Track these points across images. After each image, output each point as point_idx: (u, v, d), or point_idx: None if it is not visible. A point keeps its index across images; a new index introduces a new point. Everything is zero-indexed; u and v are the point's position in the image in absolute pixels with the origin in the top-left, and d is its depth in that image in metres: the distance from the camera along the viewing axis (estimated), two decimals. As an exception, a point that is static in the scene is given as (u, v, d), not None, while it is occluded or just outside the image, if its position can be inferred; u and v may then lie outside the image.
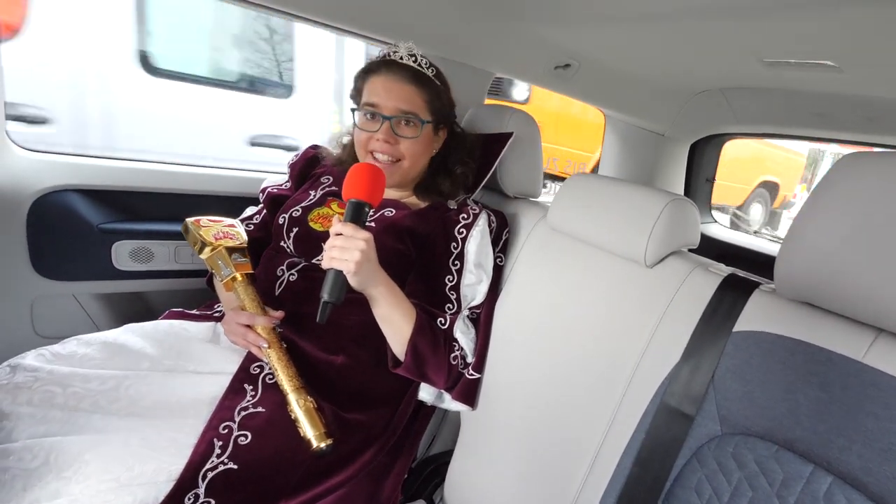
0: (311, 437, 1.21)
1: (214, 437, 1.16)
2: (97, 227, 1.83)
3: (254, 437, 1.20)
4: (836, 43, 1.51)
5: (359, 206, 1.22)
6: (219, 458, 1.15)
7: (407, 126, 1.47)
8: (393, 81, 1.46)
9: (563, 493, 1.24)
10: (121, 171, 1.90)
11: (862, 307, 0.83)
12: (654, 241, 1.20)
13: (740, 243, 3.02)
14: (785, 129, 2.62)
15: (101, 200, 1.87)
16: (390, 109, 1.44)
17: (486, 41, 1.99)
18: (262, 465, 1.19)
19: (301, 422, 1.22)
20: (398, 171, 1.49)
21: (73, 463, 1.02)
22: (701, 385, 0.99)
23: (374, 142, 1.45)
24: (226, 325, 1.38)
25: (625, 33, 1.86)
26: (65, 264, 1.82)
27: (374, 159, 1.47)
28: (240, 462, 1.16)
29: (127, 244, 1.88)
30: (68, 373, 1.16)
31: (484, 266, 1.50)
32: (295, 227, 1.50)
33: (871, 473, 0.76)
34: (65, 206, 1.78)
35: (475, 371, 1.48)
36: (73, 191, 1.80)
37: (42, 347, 1.23)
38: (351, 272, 1.18)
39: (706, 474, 0.93)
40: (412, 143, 1.48)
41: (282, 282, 1.45)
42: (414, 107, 1.47)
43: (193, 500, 1.09)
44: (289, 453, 1.23)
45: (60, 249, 1.80)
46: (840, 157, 0.90)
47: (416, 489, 1.67)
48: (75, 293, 1.88)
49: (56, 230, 1.78)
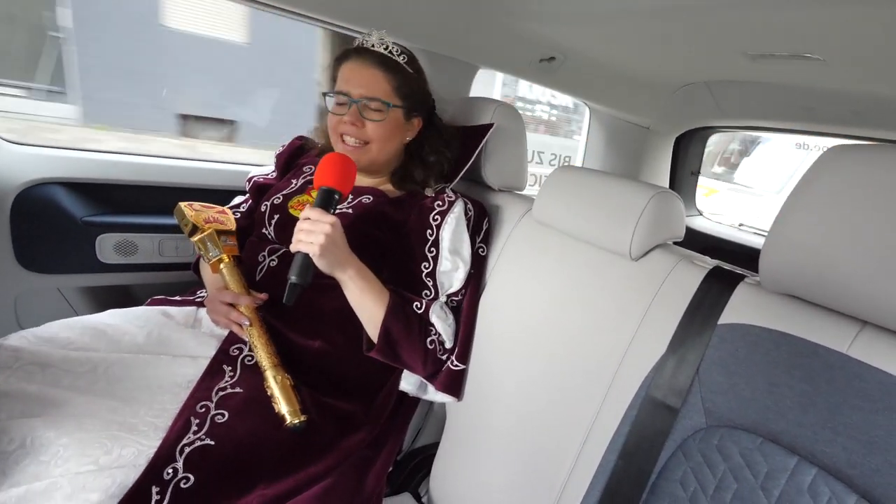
0: (285, 413, 1.23)
1: (192, 416, 1.18)
2: (81, 220, 1.82)
3: (231, 415, 1.21)
4: (822, 36, 1.51)
5: (328, 193, 1.28)
6: (195, 434, 1.15)
7: (373, 109, 1.48)
8: (361, 67, 1.48)
9: (549, 486, 1.24)
10: (105, 164, 1.89)
11: (846, 299, 0.83)
12: (639, 234, 1.20)
13: (725, 236, 3.03)
14: (770, 122, 2.63)
15: (86, 193, 1.86)
16: (357, 93, 1.46)
17: (471, 34, 1.99)
18: (239, 443, 1.20)
19: (276, 397, 1.24)
20: (366, 153, 1.51)
21: (51, 446, 1.01)
22: (686, 378, 0.99)
23: (343, 125, 1.47)
24: (209, 304, 1.41)
25: (610, 27, 1.86)
26: (49, 257, 1.81)
27: (343, 143, 1.49)
28: (217, 439, 1.16)
29: (111, 237, 1.88)
30: (47, 354, 1.16)
31: (460, 253, 1.51)
32: (276, 214, 1.52)
33: (855, 466, 0.76)
34: (49, 198, 1.78)
35: (460, 362, 1.48)
36: (57, 184, 1.79)
37: (25, 330, 1.23)
38: (316, 255, 1.23)
39: (691, 467, 0.93)
40: (378, 126, 1.49)
41: (262, 267, 1.47)
42: (379, 91, 1.48)
43: (172, 474, 1.09)
44: (266, 433, 1.24)
45: (44, 242, 1.79)
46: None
47: (401, 482, 1.67)
48: (59, 286, 1.88)
49: (40, 223, 1.77)
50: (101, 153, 1.92)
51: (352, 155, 1.44)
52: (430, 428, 1.81)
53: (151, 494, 1.06)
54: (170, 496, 1.08)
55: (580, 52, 2.18)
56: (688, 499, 0.92)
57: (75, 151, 1.87)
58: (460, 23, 1.91)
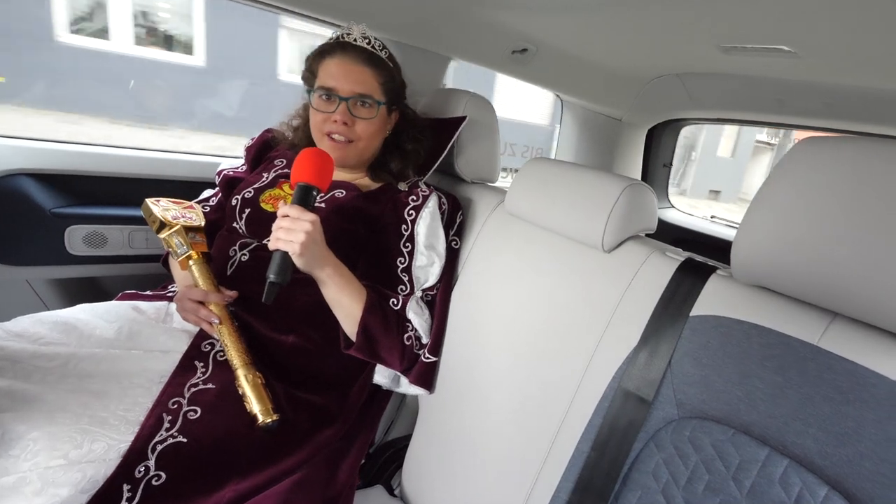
0: (257, 412, 1.22)
1: (164, 413, 1.16)
2: (50, 211, 1.79)
3: (203, 412, 1.19)
4: (793, 29, 1.52)
5: (306, 190, 1.25)
6: (168, 431, 1.14)
7: (363, 107, 1.47)
8: (349, 63, 1.46)
9: (521, 477, 1.24)
10: (74, 156, 1.86)
11: (817, 291, 0.84)
12: (611, 226, 1.20)
13: (697, 228, 3.05)
14: (742, 114, 2.65)
15: (54, 185, 1.83)
16: (347, 91, 1.45)
17: (443, 26, 1.98)
18: (212, 440, 1.19)
19: (248, 397, 1.23)
20: (353, 151, 1.50)
21: (20, 440, 1.00)
22: (658, 369, 0.99)
23: (331, 123, 1.46)
24: (179, 302, 1.38)
25: (582, 18, 1.86)
26: (17, 249, 1.79)
27: (330, 140, 1.47)
28: (190, 436, 1.15)
29: (80, 229, 1.85)
30: (18, 349, 1.14)
31: (435, 247, 1.51)
32: (247, 209, 1.50)
33: (826, 457, 0.77)
34: (17, 190, 1.75)
35: (431, 354, 1.48)
36: (25, 175, 1.76)
37: None
38: (296, 253, 1.20)
39: (663, 458, 0.93)
40: (368, 124, 1.48)
41: (234, 262, 1.45)
42: (369, 88, 1.47)
43: (144, 472, 1.08)
44: (240, 430, 1.23)
45: (13, 234, 1.76)
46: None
47: (373, 474, 1.67)
48: (28, 278, 1.85)
49: (8, 215, 1.74)
50: (70, 144, 1.89)
51: (337, 152, 1.45)
52: (403, 421, 1.81)
53: (123, 492, 1.05)
54: (141, 493, 1.07)
55: (552, 44, 2.18)
56: (660, 490, 0.92)
57: (44, 143, 1.84)
58: (432, 13, 1.90)
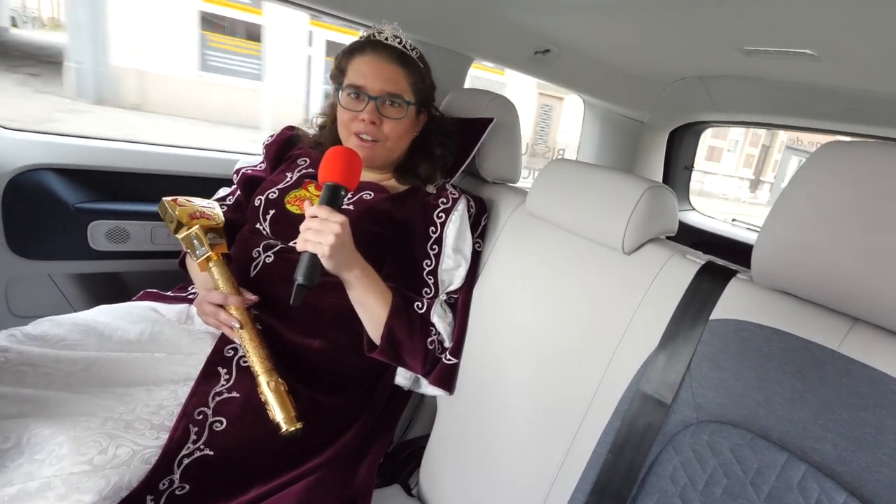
0: (280, 421, 1.18)
1: (190, 424, 1.15)
2: (73, 206, 1.81)
3: (229, 423, 1.19)
4: (816, 32, 1.51)
5: (335, 190, 1.22)
6: (195, 444, 1.14)
7: (392, 107, 1.46)
8: (379, 62, 1.45)
9: (539, 479, 1.24)
10: (97, 151, 1.88)
11: (838, 296, 0.83)
12: (631, 228, 1.20)
13: (718, 231, 3.04)
14: (764, 117, 2.63)
15: (78, 180, 1.85)
16: (376, 90, 1.43)
17: (467, 26, 1.98)
18: (238, 451, 1.19)
19: (270, 404, 1.20)
20: (381, 151, 1.49)
21: (46, 445, 1.00)
22: (677, 373, 0.99)
23: (359, 122, 1.44)
24: (198, 306, 1.36)
25: (605, 20, 1.86)
26: (40, 244, 1.81)
27: (357, 139, 1.46)
28: (216, 449, 1.15)
29: (103, 224, 1.87)
30: (39, 354, 1.14)
31: (462, 251, 1.50)
32: (271, 210, 1.48)
33: (845, 462, 0.76)
34: (41, 185, 1.77)
35: (452, 356, 1.47)
36: (50, 170, 1.79)
37: (14, 328, 1.21)
38: (325, 255, 1.17)
39: (681, 462, 0.93)
40: (396, 124, 1.47)
41: (257, 264, 1.43)
42: (399, 88, 1.46)
43: (168, 485, 1.09)
44: (265, 439, 1.22)
45: (36, 229, 1.78)
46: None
47: (391, 474, 1.67)
48: (50, 273, 1.87)
49: (32, 209, 1.76)
50: (94, 140, 1.91)
51: (364, 152, 1.42)
52: (421, 420, 1.81)
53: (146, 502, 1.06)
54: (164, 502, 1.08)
55: (575, 46, 2.18)
56: (678, 494, 0.92)
57: (69, 138, 1.86)
58: (455, 13, 1.91)
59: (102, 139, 1.93)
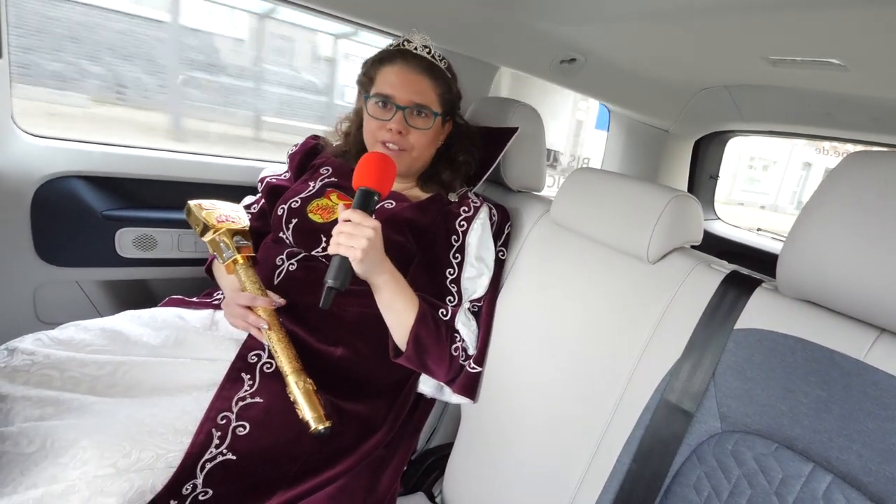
0: (309, 419, 1.19)
1: (213, 428, 1.16)
2: (101, 213, 1.83)
3: (252, 428, 1.20)
4: (843, 42, 1.50)
5: (368, 194, 1.23)
6: (217, 448, 1.15)
7: (419, 117, 1.46)
8: (408, 72, 1.45)
9: (562, 487, 1.24)
10: (125, 159, 1.90)
11: (864, 306, 0.83)
12: (656, 238, 1.20)
13: (743, 241, 3.01)
14: (790, 127, 2.61)
15: (106, 187, 1.87)
16: (405, 100, 1.44)
17: (492, 34, 1.99)
18: (260, 456, 1.20)
19: (300, 403, 1.21)
20: (406, 160, 1.48)
21: (70, 448, 1.01)
22: (701, 382, 0.99)
23: (385, 131, 1.44)
24: (226, 307, 1.38)
25: (631, 29, 1.86)
26: (68, 251, 1.82)
27: (384, 148, 1.45)
28: (238, 453, 1.16)
29: (130, 231, 1.88)
30: (65, 357, 1.16)
31: (485, 259, 1.50)
32: (294, 219, 1.49)
33: (870, 473, 0.76)
34: (69, 192, 1.79)
35: (476, 364, 1.47)
36: (78, 177, 1.80)
37: (40, 332, 1.23)
38: (357, 259, 1.18)
39: (705, 471, 0.93)
40: (422, 135, 1.47)
41: (281, 271, 1.44)
42: (427, 99, 1.46)
43: (191, 489, 1.10)
44: (288, 444, 1.23)
45: (64, 236, 1.80)
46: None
47: (415, 481, 1.67)
48: (78, 280, 1.88)
49: (60, 216, 1.78)
50: (122, 147, 1.92)
51: None
52: (445, 428, 1.81)
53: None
54: None
55: (601, 55, 2.18)
56: (702, 503, 0.92)
57: (97, 145, 1.87)
58: (481, 22, 1.91)
59: (130, 147, 1.94)
